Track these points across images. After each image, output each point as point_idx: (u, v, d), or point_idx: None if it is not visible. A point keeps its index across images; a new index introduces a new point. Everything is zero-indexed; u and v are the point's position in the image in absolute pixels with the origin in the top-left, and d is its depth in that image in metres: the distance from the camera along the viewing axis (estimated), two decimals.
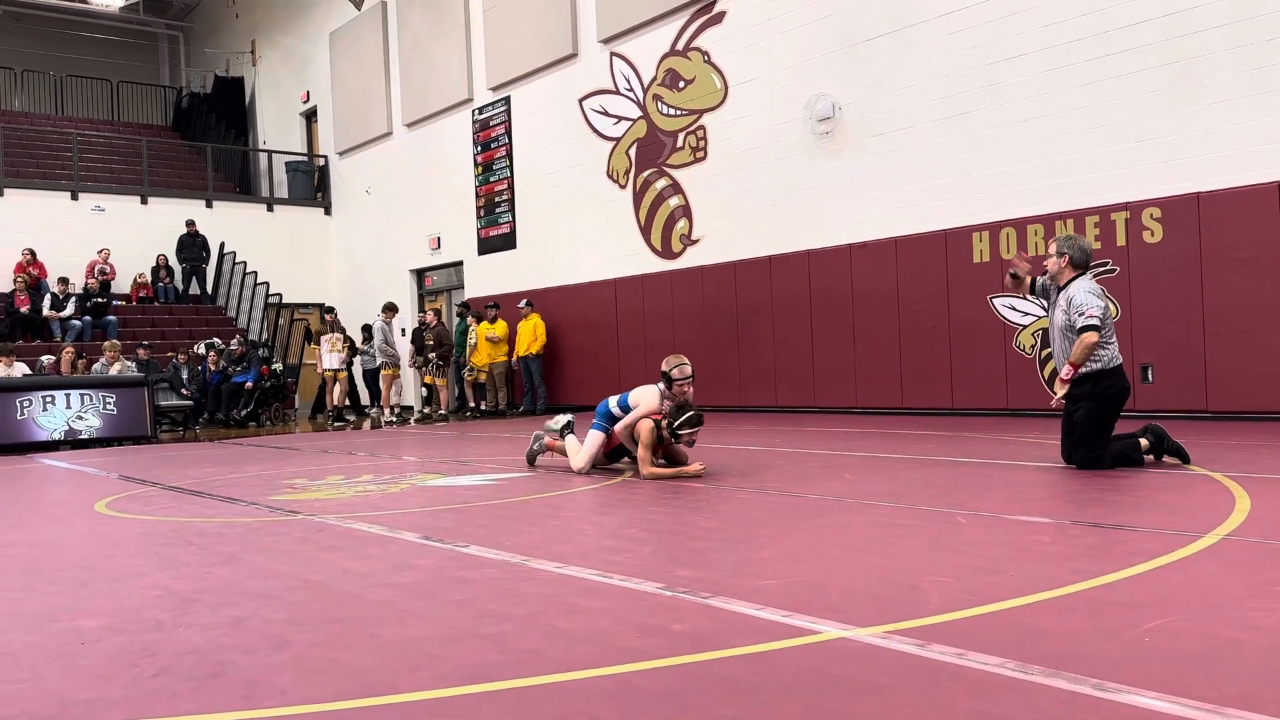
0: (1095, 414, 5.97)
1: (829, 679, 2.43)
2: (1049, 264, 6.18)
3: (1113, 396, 5.99)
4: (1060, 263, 6.12)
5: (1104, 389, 5.94)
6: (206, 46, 26.97)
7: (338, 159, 21.74)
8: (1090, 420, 5.98)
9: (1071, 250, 6.10)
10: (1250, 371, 8.88)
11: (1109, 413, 6.01)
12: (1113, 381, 5.99)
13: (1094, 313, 5.88)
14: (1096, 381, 5.94)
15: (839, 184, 12.15)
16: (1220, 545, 3.76)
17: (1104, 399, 5.96)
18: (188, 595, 3.66)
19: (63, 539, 5.15)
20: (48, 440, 12.26)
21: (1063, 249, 6.13)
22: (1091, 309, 5.91)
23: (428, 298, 19.75)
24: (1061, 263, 6.12)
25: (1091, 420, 5.98)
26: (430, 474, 7.60)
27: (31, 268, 18.00)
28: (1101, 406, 5.98)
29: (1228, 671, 2.37)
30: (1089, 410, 5.97)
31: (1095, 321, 5.86)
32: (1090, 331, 5.86)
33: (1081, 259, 6.10)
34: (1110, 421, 6.04)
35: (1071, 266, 6.09)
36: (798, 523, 4.69)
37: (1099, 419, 5.98)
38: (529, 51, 16.54)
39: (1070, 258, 6.10)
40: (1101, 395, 5.94)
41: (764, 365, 12.95)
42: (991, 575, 3.42)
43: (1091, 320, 5.87)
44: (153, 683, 2.62)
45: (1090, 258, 6.17)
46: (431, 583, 3.68)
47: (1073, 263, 6.09)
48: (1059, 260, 6.13)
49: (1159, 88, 9.46)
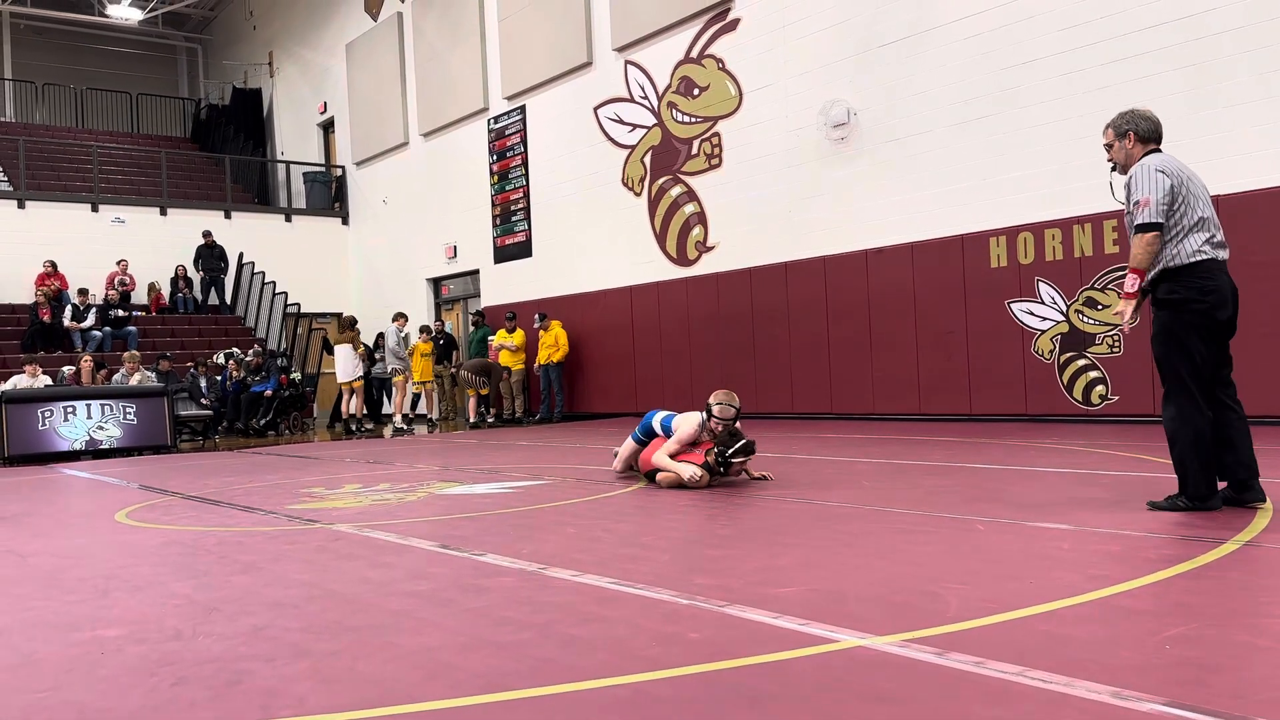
0: (1165, 331, 4.50)
1: (846, 688, 2.42)
2: (1114, 155, 4.75)
3: (1193, 307, 4.42)
4: (1126, 145, 4.69)
5: (1179, 296, 4.45)
6: (224, 58, 27.21)
7: (355, 169, 21.87)
8: (1160, 341, 4.53)
9: (1134, 124, 4.66)
10: (1272, 375, 8.80)
11: (1188, 331, 4.44)
12: (1196, 282, 4.41)
13: (1150, 198, 4.44)
14: (1174, 282, 4.47)
15: (854, 190, 12.13)
16: (1241, 552, 3.73)
17: (1178, 309, 4.45)
18: (207, 604, 3.68)
19: (84, 548, 5.19)
20: (69, 450, 12.36)
21: (1124, 126, 4.69)
22: (1146, 193, 4.46)
23: (444, 306, 19.82)
24: (1128, 144, 4.68)
25: (1161, 342, 4.52)
26: (447, 482, 7.62)
27: (52, 279, 18.16)
28: (1173, 320, 4.46)
29: (1249, 680, 2.35)
30: (1158, 326, 4.54)
31: (1149, 216, 4.44)
32: (1146, 231, 4.46)
33: (1149, 129, 4.65)
34: (1190, 348, 4.43)
35: (1141, 143, 4.66)
36: (815, 530, 4.67)
37: (1170, 340, 4.48)
38: (544, 61, 16.60)
39: (1135, 132, 4.66)
40: (1175, 304, 4.46)
41: (780, 371, 12.92)
42: (1010, 582, 3.40)
43: (1143, 215, 4.46)
44: (172, 692, 2.63)
45: (1158, 128, 4.66)
46: (448, 591, 3.69)
47: (1141, 138, 4.66)
48: (1124, 143, 4.69)
49: (1176, 91, 9.40)
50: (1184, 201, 4.47)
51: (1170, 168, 4.52)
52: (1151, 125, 4.66)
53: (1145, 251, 4.49)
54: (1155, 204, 4.45)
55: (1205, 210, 4.51)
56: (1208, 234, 4.47)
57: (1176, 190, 4.47)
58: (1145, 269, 4.53)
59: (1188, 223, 4.47)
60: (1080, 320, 10.03)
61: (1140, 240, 4.49)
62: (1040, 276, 10.31)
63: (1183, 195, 4.48)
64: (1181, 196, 4.48)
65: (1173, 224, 4.47)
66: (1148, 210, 4.47)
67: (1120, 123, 4.72)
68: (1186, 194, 4.49)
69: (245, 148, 24.28)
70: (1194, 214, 4.47)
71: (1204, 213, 4.50)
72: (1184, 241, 4.46)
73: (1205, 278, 4.42)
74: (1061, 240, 10.12)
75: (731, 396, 6.57)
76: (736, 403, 6.54)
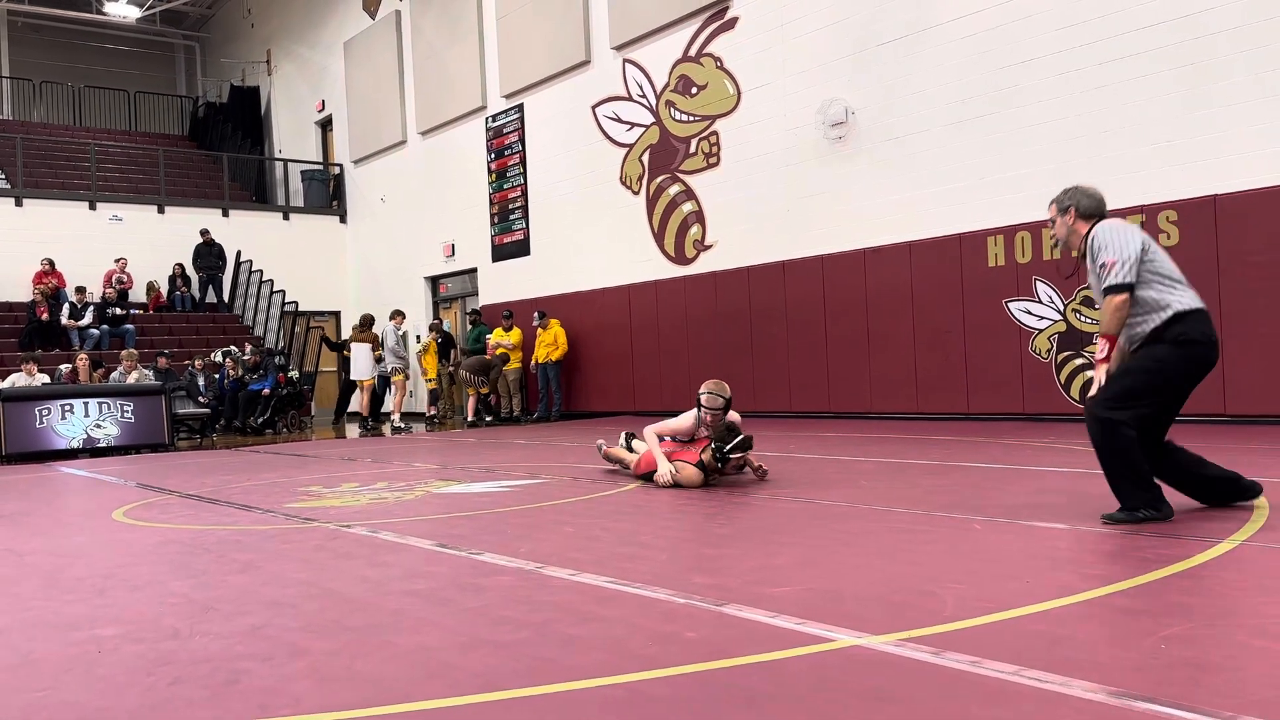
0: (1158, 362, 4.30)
1: (843, 687, 2.42)
2: (1056, 230, 4.71)
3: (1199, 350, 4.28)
4: (1068, 221, 4.62)
5: (1189, 337, 4.28)
6: (222, 56, 27.18)
7: (353, 167, 21.86)
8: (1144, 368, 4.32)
9: (1075, 200, 4.60)
10: (1268, 374, 8.81)
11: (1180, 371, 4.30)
12: (1201, 328, 4.31)
13: (1114, 258, 4.31)
14: (1185, 325, 4.29)
15: (852, 188, 12.13)
16: (1238, 551, 3.73)
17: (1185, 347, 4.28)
18: (204, 603, 3.68)
19: (81, 547, 5.19)
20: (66, 448, 12.35)
21: (1065, 202, 4.63)
22: (1113, 254, 4.32)
23: (442, 304, 19.82)
24: (1069, 220, 4.61)
25: (1145, 369, 4.32)
26: (445, 481, 7.62)
27: (50, 277, 18.15)
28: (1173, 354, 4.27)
29: (1246, 679, 2.35)
30: (1149, 356, 4.33)
31: (1120, 277, 4.29)
32: (1116, 294, 4.30)
33: (1092, 206, 4.57)
34: (1173, 385, 4.32)
35: (1083, 219, 4.58)
36: (813, 529, 4.67)
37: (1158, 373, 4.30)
38: (542, 59, 16.59)
39: (1076, 209, 4.58)
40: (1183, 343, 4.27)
41: (778, 370, 12.93)
42: (1007, 582, 3.41)
43: (1113, 276, 4.30)
44: (169, 691, 2.63)
45: (1102, 204, 4.59)
46: (446, 590, 3.69)
47: (1082, 214, 4.58)
48: (1065, 219, 4.62)
49: (1173, 90, 9.41)
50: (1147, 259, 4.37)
51: (1139, 230, 4.48)
52: (1094, 202, 4.59)
53: (1115, 317, 4.33)
54: (1125, 263, 4.31)
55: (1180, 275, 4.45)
56: (1181, 290, 4.38)
57: (1147, 244, 4.38)
58: (1117, 334, 4.38)
59: (1178, 274, 4.41)
60: (1077, 319, 10.04)
61: (1110, 304, 4.32)
62: (1038, 276, 10.32)
63: (1152, 253, 4.39)
64: (1157, 251, 4.41)
65: (1167, 275, 4.36)
66: (1116, 271, 4.31)
67: (1063, 198, 4.67)
68: (1143, 253, 4.37)
69: (243, 146, 24.26)
70: (1157, 270, 4.38)
71: (1181, 276, 4.44)
72: (1185, 290, 4.37)
73: (1208, 325, 4.35)
74: None
75: (720, 386, 6.58)
76: (726, 392, 6.55)
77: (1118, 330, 4.36)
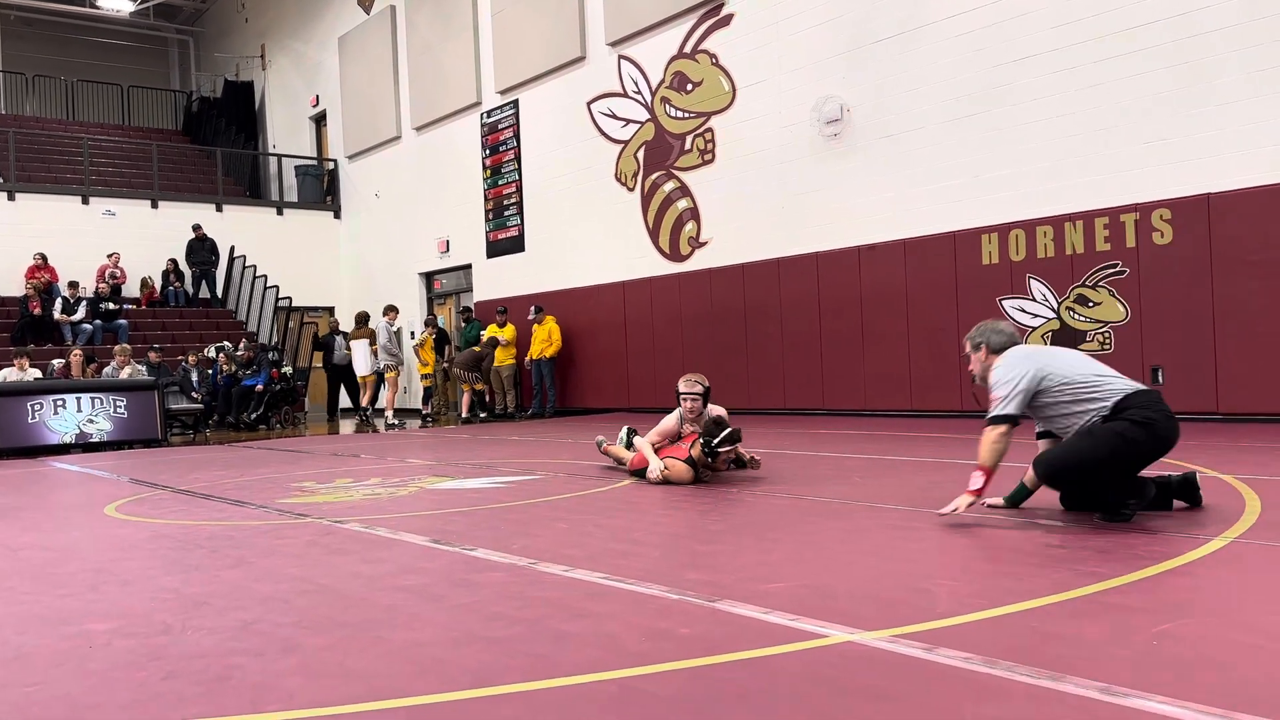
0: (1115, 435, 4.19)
1: (836, 683, 2.42)
2: (971, 366, 4.77)
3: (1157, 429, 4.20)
4: (980, 358, 4.68)
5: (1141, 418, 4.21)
6: (216, 51, 27.09)
7: (347, 163, 21.81)
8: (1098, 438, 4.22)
9: (986, 338, 4.67)
10: (1261, 373, 8.84)
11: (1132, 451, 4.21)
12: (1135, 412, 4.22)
13: (999, 392, 4.38)
14: (1138, 409, 4.24)
15: (847, 186, 12.13)
16: (1231, 548, 3.74)
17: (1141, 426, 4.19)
18: (196, 598, 3.67)
19: (73, 542, 5.17)
20: (59, 443, 12.32)
21: (976, 340, 4.71)
22: (998, 388, 4.40)
23: (437, 300, 19.80)
24: (981, 357, 4.67)
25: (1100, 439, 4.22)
26: (439, 477, 7.61)
27: (42, 272, 18.08)
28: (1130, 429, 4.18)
29: (1238, 676, 2.36)
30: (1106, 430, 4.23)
31: (1000, 409, 4.35)
32: (995, 425, 4.34)
33: (1002, 342, 4.63)
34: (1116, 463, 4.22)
35: (995, 355, 4.62)
36: (806, 526, 4.68)
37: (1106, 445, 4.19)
38: (537, 55, 16.56)
39: (988, 345, 4.65)
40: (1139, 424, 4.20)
41: (772, 367, 12.93)
42: (1000, 579, 3.41)
43: (995, 408, 4.36)
44: (161, 686, 2.63)
45: (1012, 338, 4.66)
46: (439, 586, 3.69)
47: (994, 350, 4.63)
48: (977, 356, 4.69)
49: (1168, 89, 9.43)
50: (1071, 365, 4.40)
51: (1031, 349, 4.54)
52: (1004, 338, 4.64)
53: (992, 449, 4.32)
54: (1008, 397, 4.33)
55: (1102, 367, 4.47)
56: (1121, 377, 4.39)
57: (1045, 370, 4.35)
58: (992, 467, 4.34)
59: (1105, 370, 4.42)
60: (1071, 317, 10.05)
61: (987, 435, 4.34)
62: (1032, 274, 10.33)
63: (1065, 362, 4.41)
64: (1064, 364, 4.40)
65: (1083, 381, 4.33)
66: (998, 404, 4.36)
67: (974, 335, 4.73)
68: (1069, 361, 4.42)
69: (237, 140, 24.19)
70: (1095, 365, 4.43)
71: (1102, 368, 4.45)
72: (1116, 380, 4.36)
73: (1161, 401, 4.31)
74: (1053, 237, 10.15)
75: (696, 377, 6.60)
76: (705, 381, 6.58)
77: (993, 463, 4.35)
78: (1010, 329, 4.71)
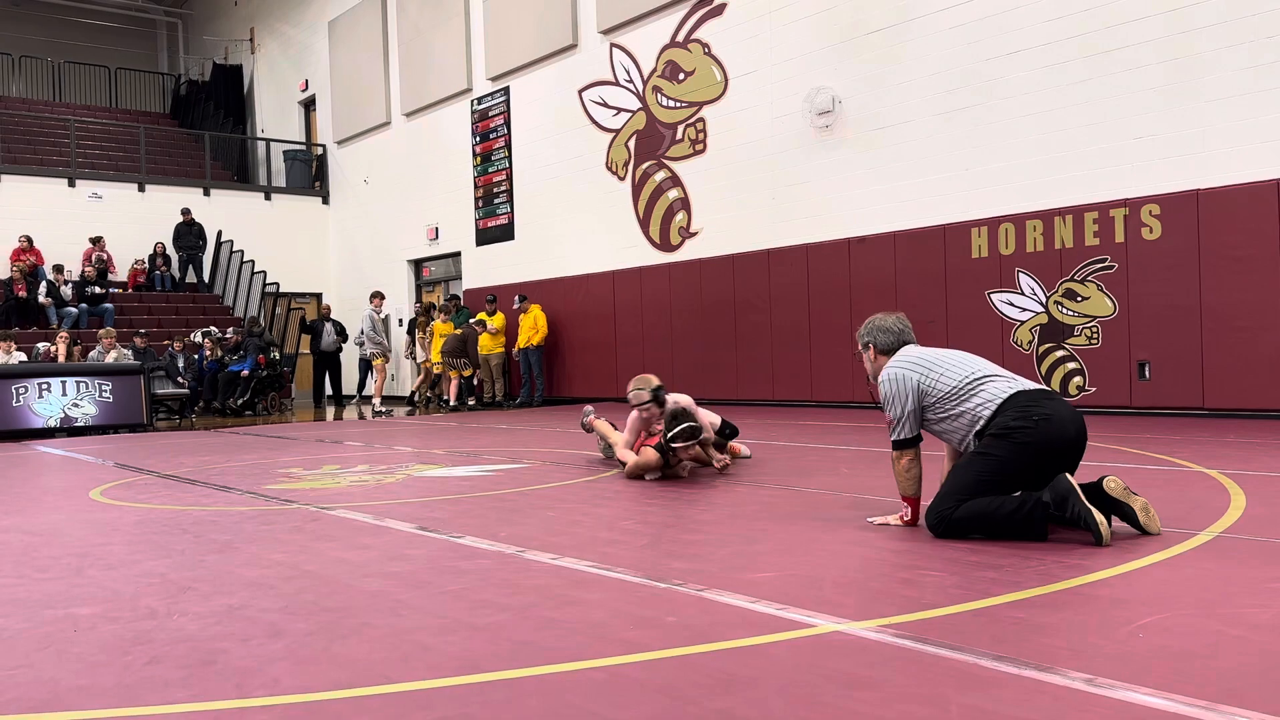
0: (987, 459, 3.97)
1: (822, 672, 2.43)
2: (864, 364, 4.56)
3: (1023, 434, 3.89)
4: (869, 357, 4.49)
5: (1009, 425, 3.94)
6: (205, 34, 26.90)
7: (336, 148, 21.70)
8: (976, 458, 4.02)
9: (873, 338, 4.47)
10: (1247, 369, 8.89)
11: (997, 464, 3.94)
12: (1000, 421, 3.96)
13: (891, 415, 4.21)
14: (1003, 416, 3.97)
15: (838, 177, 12.13)
16: (1216, 542, 3.76)
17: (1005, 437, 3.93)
18: (181, 583, 3.65)
19: (57, 526, 5.14)
20: (44, 427, 12.25)
21: (864, 339, 4.51)
22: (888, 410, 4.22)
23: (425, 288, 19.74)
24: (870, 357, 4.48)
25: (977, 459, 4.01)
26: (426, 464, 7.60)
27: (28, 254, 17.95)
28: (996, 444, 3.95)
29: (1222, 668, 2.37)
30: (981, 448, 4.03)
31: (898, 434, 4.19)
32: (899, 452, 4.20)
33: (889, 341, 4.42)
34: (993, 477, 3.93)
35: (883, 355, 4.43)
36: (793, 516, 4.68)
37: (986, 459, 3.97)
38: (528, 42, 16.50)
39: (875, 345, 4.46)
40: (1004, 434, 3.94)
41: (761, 359, 12.94)
42: (986, 570, 3.42)
43: (893, 433, 4.21)
44: (145, 670, 2.61)
45: (900, 335, 4.44)
46: (426, 573, 3.68)
47: (881, 350, 4.43)
48: (867, 355, 4.50)
49: (1158, 84, 9.45)
50: (944, 374, 4.15)
51: (911, 358, 4.26)
52: (891, 337, 4.42)
53: (906, 478, 4.19)
54: (899, 421, 4.17)
55: (984, 366, 4.21)
56: (1002, 376, 4.13)
57: (923, 381, 4.15)
58: (914, 495, 4.20)
59: (979, 371, 4.15)
60: (1059, 311, 10.09)
61: (897, 466, 4.22)
62: (1020, 267, 10.36)
63: (940, 372, 4.16)
64: (939, 374, 4.15)
65: (956, 389, 4.10)
66: (894, 428, 4.20)
67: (863, 334, 4.53)
68: (945, 369, 4.16)
69: (225, 125, 24.04)
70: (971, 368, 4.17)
71: (982, 367, 4.20)
72: (990, 384, 4.08)
73: (1034, 404, 3.96)
74: (1043, 231, 10.17)
75: (641, 380, 6.24)
76: (650, 384, 6.18)
77: (914, 491, 4.20)
78: (898, 326, 4.47)
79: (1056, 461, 3.91)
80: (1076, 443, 3.98)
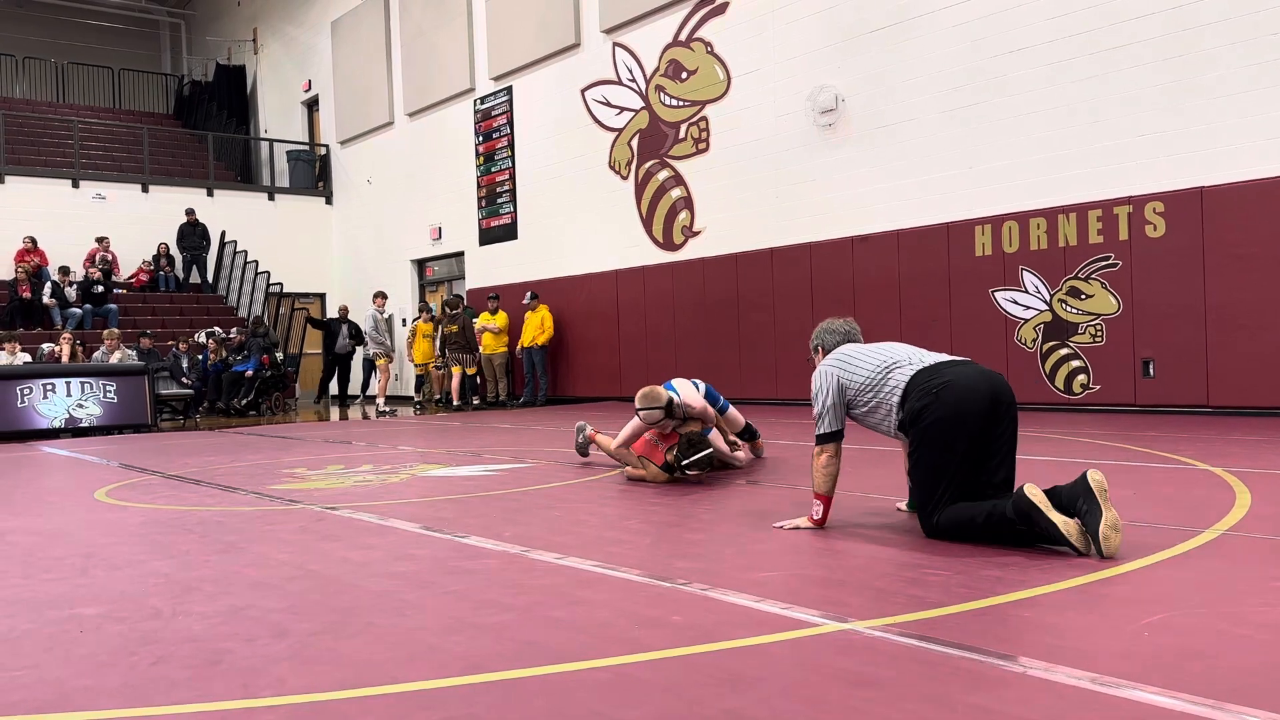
0: (920, 444, 3.95)
1: (828, 672, 2.42)
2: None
3: (933, 410, 3.86)
4: (819, 360, 4.49)
5: (917, 407, 3.94)
6: (208, 34, 26.93)
7: (339, 148, 21.71)
8: (917, 457, 4.01)
9: (822, 340, 4.55)
10: (1252, 367, 8.87)
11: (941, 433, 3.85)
12: (908, 408, 3.97)
13: (816, 410, 4.22)
14: (912, 402, 3.97)
15: (841, 176, 12.12)
16: (1220, 540, 3.76)
17: (919, 419, 3.92)
18: (187, 584, 3.66)
19: (62, 527, 5.15)
20: (48, 428, 12.27)
21: (814, 342, 4.60)
22: (814, 404, 4.22)
23: (428, 288, 19.74)
24: (820, 359, 4.49)
25: (919, 457, 3.98)
26: (430, 464, 7.60)
27: (32, 255, 17.99)
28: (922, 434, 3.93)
29: (1227, 666, 2.37)
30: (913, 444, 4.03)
31: (820, 429, 4.18)
32: (821, 447, 4.17)
33: (835, 342, 4.49)
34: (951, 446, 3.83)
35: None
36: (798, 515, 4.67)
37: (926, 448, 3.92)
38: (531, 41, 16.50)
39: (823, 347, 4.52)
40: (916, 416, 3.94)
41: (765, 357, 12.94)
42: (991, 569, 3.42)
43: (818, 428, 4.19)
44: (151, 671, 2.62)
45: (846, 336, 4.51)
46: (431, 573, 3.68)
47: (828, 352, 4.47)
48: (817, 359, 4.53)
49: (1163, 81, 9.43)
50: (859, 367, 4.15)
51: (836, 355, 4.27)
52: (836, 338, 4.48)
53: (823, 474, 4.15)
54: (822, 415, 4.15)
55: (900, 353, 4.16)
56: (910, 362, 4.08)
57: (843, 376, 4.16)
58: (828, 493, 4.17)
59: (888, 358, 4.13)
60: (1063, 309, 10.07)
61: (816, 461, 4.18)
62: (1024, 265, 10.34)
63: (856, 365, 4.16)
64: (855, 367, 4.16)
65: (868, 380, 4.11)
66: (818, 424, 4.18)
67: (814, 337, 4.59)
68: (860, 362, 4.16)
69: (228, 125, 24.06)
70: (886, 357, 4.13)
71: (897, 355, 4.15)
72: (895, 371, 4.06)
73: (931, 380, 3.92)
74: (1046, 229, 10.16)
75: (649, 398, 6.02)
76: (659, 402, 6.00)
77: (828, 488, 4.17)
78: (844, 328, 4.50)
79: (983, 425, 3.80)
80: (995, 401, 3.84)
